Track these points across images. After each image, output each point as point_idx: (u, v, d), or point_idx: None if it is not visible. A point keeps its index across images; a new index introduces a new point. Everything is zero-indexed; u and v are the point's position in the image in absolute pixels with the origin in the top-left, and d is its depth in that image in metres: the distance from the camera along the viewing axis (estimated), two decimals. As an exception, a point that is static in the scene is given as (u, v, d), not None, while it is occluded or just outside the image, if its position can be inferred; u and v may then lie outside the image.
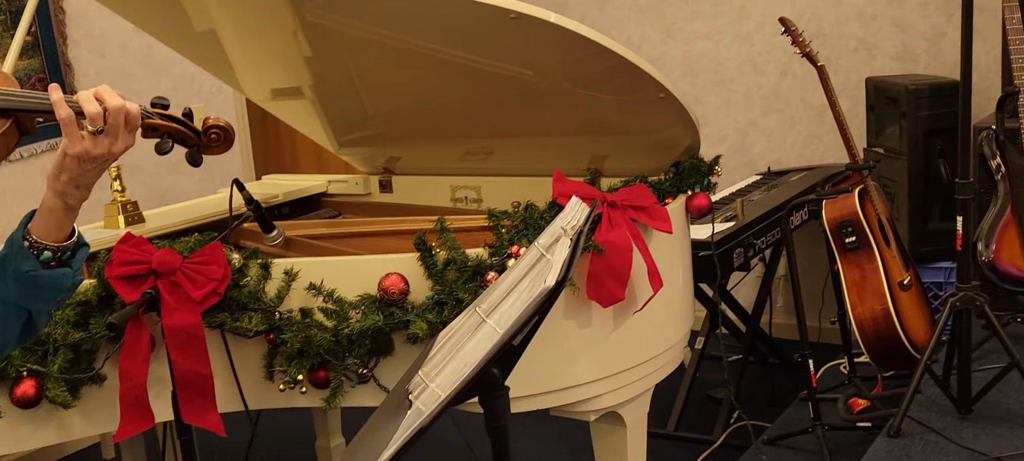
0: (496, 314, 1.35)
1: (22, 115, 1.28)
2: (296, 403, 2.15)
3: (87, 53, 3.95)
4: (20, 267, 1.28)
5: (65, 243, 1.31)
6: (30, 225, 1.30)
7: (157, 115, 1.37)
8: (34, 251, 1.28)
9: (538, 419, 2.25)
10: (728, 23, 4.29)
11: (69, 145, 1.25)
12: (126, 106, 1.27)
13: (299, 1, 2.47)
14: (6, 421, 2.02)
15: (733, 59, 4.32)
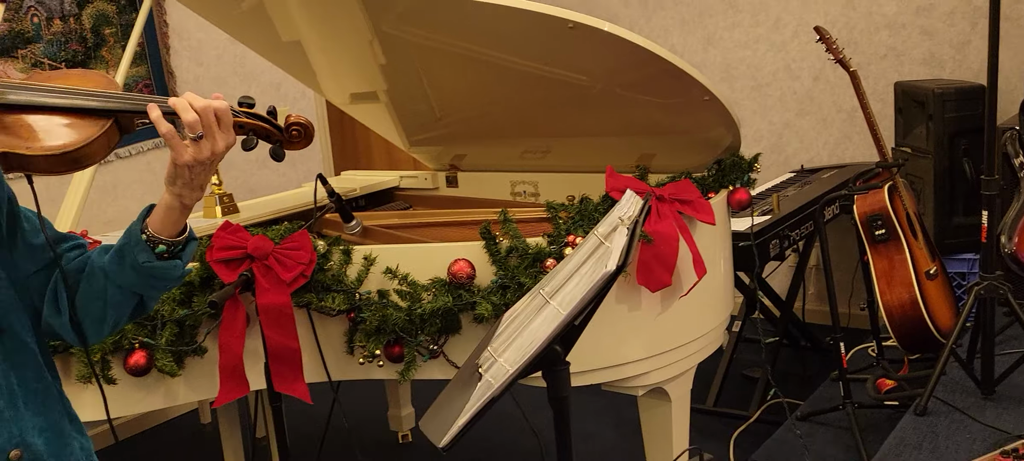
0: (559, 296, 1.36)
1: (122, 116, 1.27)
2: (373, 375, 2.17)
3: (187, 62, 4.01)
4: (137, 258, 1.29)
5: (178, 238, 1.31)
6: (148, 220, 1.30)
7: (243, 113, 1.35)
8: (150, 244, 1.29)
9: (588, 393, 2.25)
10: (765, 32, 4.24)
11: (177, 156, 1.24)
12: (213, 105, 1.25)
13: (375, 14, 2.49)
14: (120, 387, 2.06)
15: (769, 65, 4.27)
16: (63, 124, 1.23)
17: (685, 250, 2.17)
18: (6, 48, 3.40)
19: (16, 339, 1.27)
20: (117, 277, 1.31)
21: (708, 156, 2.55)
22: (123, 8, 3.77)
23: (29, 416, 1.26)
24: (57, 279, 1.33)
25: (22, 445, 1.24)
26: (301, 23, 2.69)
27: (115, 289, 1.32)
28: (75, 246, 1.39)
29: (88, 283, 1.33)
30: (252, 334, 2.07)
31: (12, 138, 1.20)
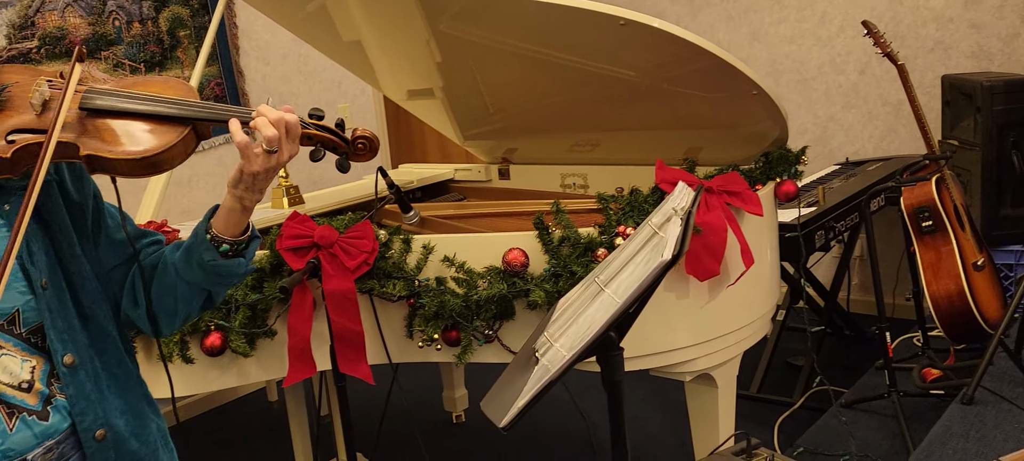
0: (614, 284, 1.35)
1: (199, 124, 1.28)
2: (431, 358, 2.18)
3: (255, 61, 4.07)
4: (203, 257, 1.30)
5: (241, 237, 1.33)
6: (212, 220, 1.32)
7: (313, 125, 1.35)
8: (215, 244, 1.30)
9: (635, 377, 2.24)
10: (811, 27, 4.17)
11: (247, 165, 1.25)
12: (285, 118, 1.25)
13: (432, 14, 2.50)
14: (197, 366, 2.11)
15: (814, 60, 4.20)
16: (145, 130, 1.24)
17: (733, 240, 2.14)
18: (90, 50, 3.48)
19: (100, 328, 1.30)
20: (186, 274, 1.33)
21: (755, 149, 2.52)
22: (196, 11, 3.84)
23: (112, 398, 1.30)
24: (135, 273, 1.36)
25: (106, 425, 1.27)
26: (361, 23, 2.72)
27: (184, 285, 1.34)
28: (153, 242, 1.42)
29: (161, 278, 1.35)
30: (318, 318, 2.10)
31: (97, 141, 1.22)
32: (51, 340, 1.23)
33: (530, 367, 1.37)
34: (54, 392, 1.24)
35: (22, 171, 1.20)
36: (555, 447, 3.28)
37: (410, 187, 3.09)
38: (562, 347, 1.34)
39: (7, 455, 1.19)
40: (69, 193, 1.31)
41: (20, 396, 1.20)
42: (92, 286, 1.31)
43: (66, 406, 1.24)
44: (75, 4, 3.44)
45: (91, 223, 1.33)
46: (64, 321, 1.24)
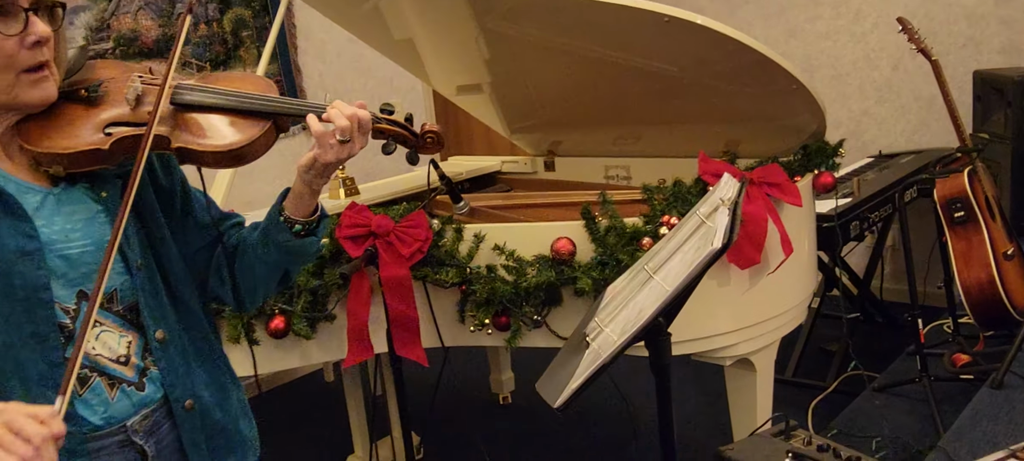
0: (662, 272, 1.34)
1: (280, 119, 1.30)
2: (482, 342, 2.18)
3: (312, 59, 4.10)
4: (278, 238, 1.33)
5: (311, 217, 1.35)
6: (284, 203, 1.34)
7: (385, 120, 1.36)
8: (288, 225, 1.33)
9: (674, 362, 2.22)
10: (845, 24, 4.09)
11: (322, 154, 1.27)
12: (358, 114, 1.28)
13: (481, 13, 2.49)
14: (262, 348, 2.13)
15: (849, 55, 4.12)
16: (229, 124, 1.27)
17: (773, 230, 2.11)
18: (160, 50, 3.53)
19: (187, 306, 1.34)
20: (263, 255, 1.36)
21: (793, 142, 2.48)
22: (257, 12, 3.87)
23: (199, 372, 1.33)
24: (220, 254, 1.39)
25: (194, 397, 1.31)
26: (413, 22, 2.72)
27: (262, 265, 1.37)
28: (235, 224, 1.45)
29: (242, 258, 1.38)
30: (375, 303, 2.11)
31: (186, 134, 1.25)
32: (144, 317, 1.26)
33: (581, 351, 1.36)
34: (148, 365, 1.27)
35: (118, 161, 1.23)
36: (597, 428, 3.27)
37: (460, 178, 3.09)
38: (613, 332, 1.33)
39: (109, 422, 1.23)
40: (159, 180, 1.34)
41: (119, 368, 1.24)
42: (179, 267, 1.34)
43: (159, 378, 1.28)
44: (147, 7, 3.49)
45: (180, 208, 1.36)
46: (155, 300, 1.28)
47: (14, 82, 1.14)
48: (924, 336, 3.10)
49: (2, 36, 1.11)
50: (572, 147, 3.12)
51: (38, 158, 1.19)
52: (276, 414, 3.73)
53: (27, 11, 1.13)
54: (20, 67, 1.14)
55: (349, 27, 3.01)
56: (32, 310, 1.15)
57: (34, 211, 1.18)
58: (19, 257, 1.14)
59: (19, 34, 1.12)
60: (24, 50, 1.13)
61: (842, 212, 3.03)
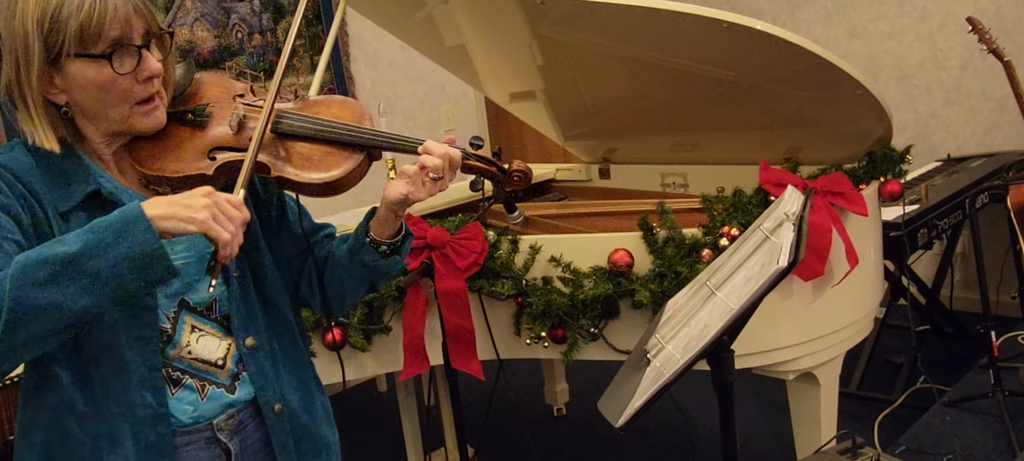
0: (726, 288, 1.33)
1: (374, 150, 1.34)
2: (538, 355, 2.18)
3: (365, 67, 4.15)
4: (364, 257, 1.39)
5: (396, 238, 1.40)
6: (370, 224, 1.40)
7: (474, 157, 1.38)
8: (374, 245, 1.38)
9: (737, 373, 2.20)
10: (911, 23, 4.00)
11: (415, 192, 1.31)
12: (450, 153, 1.31)
13: (534, 18, 2.49)
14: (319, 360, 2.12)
15: (915, 56, 4.03)
16: (327, 154, 1.31)
17: (838, 240, 2.08)
18: (216, 61, 3.62)
19: (279, 312, 1.40)
20: (350, 269, 1.42)
21: (858, 148, 2.43)
22: (310, 21, 3.94)
23: (287, 376, 1.39)
24: (311, 263, 1.45)
25: (282, 400, 1.37)
26: (465, 29, 2.74)
27: (350, 278, 1.43)
28: (326, 235, 1.51)
29: (332, 269, 1.45)
30: (430, 315, 2.13)
31: (286, 164, 1.30)
32: (235, 325, 1.33)
33: (642, 369, 1.35)
34: (241, 370, 1.34)
35: (222, 183, 1.28)
36: (654, 441, 3.25)
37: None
38: (675, 349, 1.32)
39: (197, 420, 1.30)
40: (257, 192, 1.42)
41: (214, 371, 1.31)
42: (273, 275, 1.40)
43: (250, 381, 1.34)
44: (202, 18, 3.58)
45: (276, 218, 1.44)
46: (247, 308, 1.34)
47: (129, 113, 1.22)
48: (997, 348, 3.01)
49: (118, 75, 1.18)
50: (627, 154, 3.11)
51: (148, 179, 1.27)
52: (330, 423, 3.78)
53: (140, 48, 1.20)
54: (135, 100, 1.22)
55: (402, 36, 3.04)
56: (137, 314, 1.22)
57: None
58: None
59: (133, 71, 1.19)
60: (138, 85, 1.21)
61: (909, 220, 2.96)
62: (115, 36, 1.17)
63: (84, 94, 1.20)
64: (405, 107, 4.31)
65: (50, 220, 1.20)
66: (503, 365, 2.26)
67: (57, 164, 1.22)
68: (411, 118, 4.34)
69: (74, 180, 1.22)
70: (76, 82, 1.19)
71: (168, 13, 3.48)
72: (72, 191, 1.22)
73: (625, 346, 2.09)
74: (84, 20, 1.15)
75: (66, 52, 1.17)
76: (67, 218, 1.21)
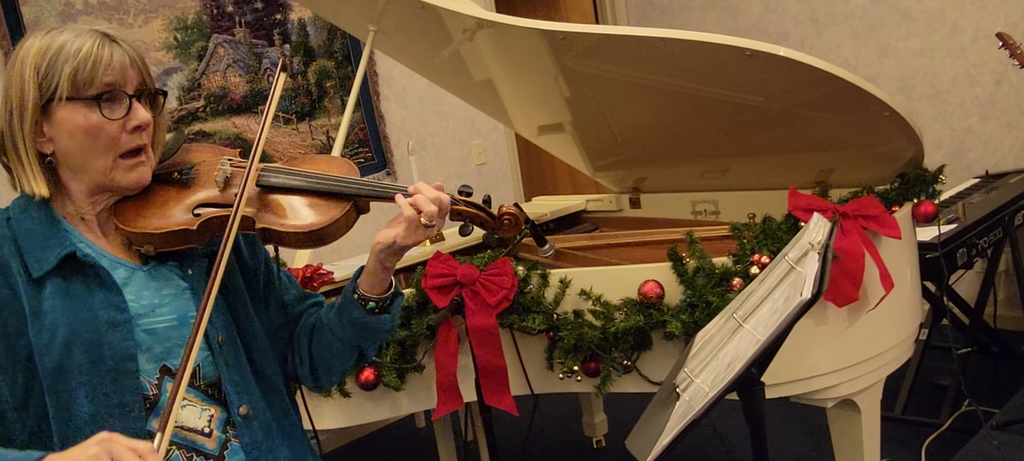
0: (752, 320, 1.32)
1: (360, 200, 1.35)
2: (571, 389, 2.18)
3: (394, 105, 4.21)
4: (352, 314, 1.38)
5: (385, 295, 1.39)
6: (359, 281, 1.39)
7: (462, 202, 1.38)
8: (362, 302, 1.37)
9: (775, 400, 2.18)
10: (942, 39, 3.96)
11: (404, 237, 1.31)
12: (441, 197, 1.31)
13: (559, 52, 2.51)
14: (354, 399, 2.18)
15: (947, 72, 3.98)
16: (311, 205, 1.32)
17: (872, 265, 2.05)
18: (249, 106, 3.70)
19: (269, 382, 1.39)
20: (339, 331, 1.40)
21: (890, 169, 2.41)
22: (340, 63, 4.01)
23: (282, 447, 1.37)
24: (299, 332, 1.45)
25: None
26: (492, 64, 2.77)
27: (338, 342, 1.41)
28: (314, 304, 1.50)
29: (319, 337, 1.43)
30: (463, 351, 2.13)
31: (269, 215, 1.31)
32: (228, 393, 1.31)
33: (671, 403, 1.35)
34: (230, 437, 1.32)
35: (206, 241, 1.30)
36: (693, 470, 3.21)
37: (543, 220, 3.11)
38: (703, 383, 1.32)
39: None
40: (244, 259, 1.41)
41: (201, 440, 1.29)
42: (263, 343, 1.39)
43: (240, 451, 1.32)
44: (235, 65, 3.67)
45: (263, 286, 1.43)
46: (240, 376, 1.33)
47: (112, 166, 1.24)
48: (1045, 368, 2.95)
49: (107, 120, 1.20)
50: (657, 183, 3.11)
51: (131, 237, 1.27)
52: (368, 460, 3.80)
53: (131, 97, 1.22)
54: (120, 150, 1.23)
55: (429, 74, 3.09)
56: (119, 380, 1.21)
57: (124, 285, 1.26)
58: (109, 328, 1.21)
59: (122, 118, 1.21)
60: (125, 134, 1.22)
61: (947, 239, 2.91)
62: (108, 81, 1.20)
63: (71, 141, 1.21)
64: (436, 143, 4.36)
65: (21, 295, 1.19)
66: (538, 399, 2.26)
67: (34, 230, 1.23)
68: (442, 154, 4.38)
69: (50, 243, 1.22)
70: (64, 128, 1.20)
71: (201, 61, 3.57)
72: (47, 255, 1.21)
73: (659, 377, 2.08)
74: (79, 64, 1.18)
75: (58, 96, 1.18)
76: (42, 284, 1.20)
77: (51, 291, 1.20)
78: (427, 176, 4.25)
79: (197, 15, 3.55)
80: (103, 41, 1.21)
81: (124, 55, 1.22)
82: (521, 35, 2.44)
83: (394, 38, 2.82)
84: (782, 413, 3.38)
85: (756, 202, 2.66)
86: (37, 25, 3.15)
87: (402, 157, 4.16)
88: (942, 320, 3.43)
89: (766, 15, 4.49)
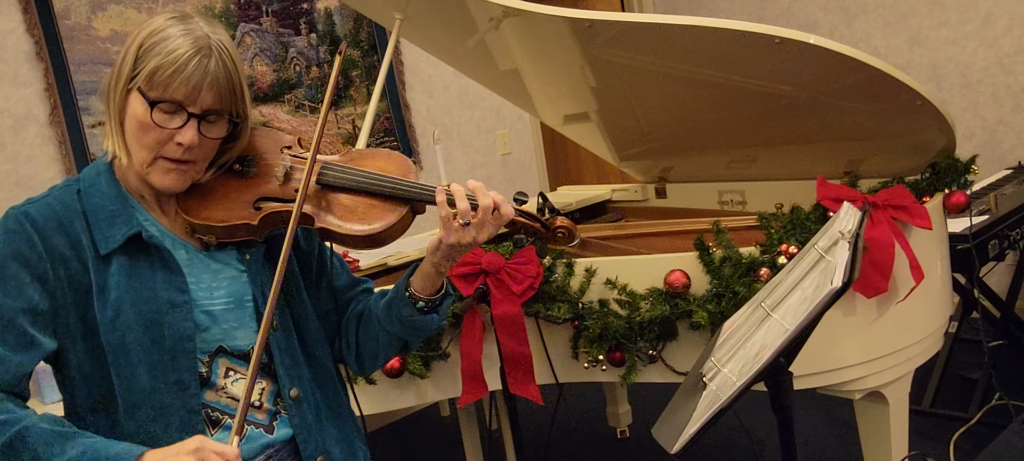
0: (781, 309, 1.31)
1: (417, 203, 1.35)
2: (597, 378, 2.17)
3: (420, 94, 4.22)
4: (402, 312, 1.39)
5: (435, 296, 1.40)
6: (411, 279, 1.40)
7: (518, 213, 1.37)
8: (412, 301, 1.39)
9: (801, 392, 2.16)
10: (974, 29, 3.90)
11: (445, 236, 1.31)
12: (495, 202, 1.30)
13: (584, 40, 2.50)
14: (380, 387, 2.19)
15: (980, 62, 3.92)
16: (370, 206, 1.33)
17: (902, 256, 2.03)
18: (276, 94, 3.72)
19: (321, 363, 1.41)
20: (387, 324, 1.42)
21: (921, 159, 2.38)
22: (366, 52, 4.03)
23: (330, 429, 1.40)
24: (347, 318, 1.47)
25: (324, 453, 1.37)
26: (517, 53, 2.76)
27: (385, 334, 1.43)
28: (364, 290, 1.52)
29: (366, 325, 1.45)
30: (488, 340, 2.13)
31: (330, 216, 1.32)
32: (280, 375, 1.34)
33: (698, 392, 1.34)
34: (280, 410, 1.35)
35: (266, 234, 1.32)
36: (718, 461, 3.20)
37: (569, 209, 3.10)
38: (731, 373, 1.31)
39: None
40: (299, 243, 1.43)
41: (251, 412, 1.33)
42: (315, 326, 1.41)
43: (288, 422, 1.35)
44: (262, 53, 3.69)
45: (316, 271, 1.45)
46: (291, 358, 1.35)
47: (151, 162, 1.26)
48: (1078, 362, 2.90)
49: (158, 127, 1.22)
50: (684, 173, 3.09)
51: (194, 227, 1.30)
52: (393, 449, 3.82)
53: (193, 116, 1.23)
54: (161, 154, 1.25)
55: (454, 63, 3.08)
56: (177, 359, 1.24)
57: (185, 266, 1.29)
58: (170, 309, 1.25)
59: (170, 129, 1.23)
60: (171, 143, 1.24)
61: (978, 231, 2.87)
62: (176, 98, 1.21)
63: (130, 124, 1.24)
64: (461, 132, 4.36)
65: (90, 270, 1.23)
66: (563, 388, 2.26)
67: (103, 205, 1.26)
68: (467, 143, 4.39)
69: (118, 221, 1.26)
70: (129, 109, 1.24)
71: (230, 50, 3.60)
72: (114, 233, 1.24)
73: (684, 368, 2.08)
74: (163, 66, 1.20)
75: (136, 82, 1.22)
76: (108, 261, 1.24)
77: (116, 268, 1.24)
78: (452, 166, 4.25)
79: (224, 4, 3.58)
80: (200, 55, 1.21)
81: (209, 75, 1.22)
82: (547, 23, 2.43)
83: (420, 26, 2.82)
84: (808, 405, 3.36)
85: (784, 192, 2.64)
86: (67, 9, 3.19)
87: (427, 146, 4.17)
88: (972, 313, 3.39)
89: (795, 4, 4.44)
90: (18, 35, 3.11)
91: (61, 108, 3.16)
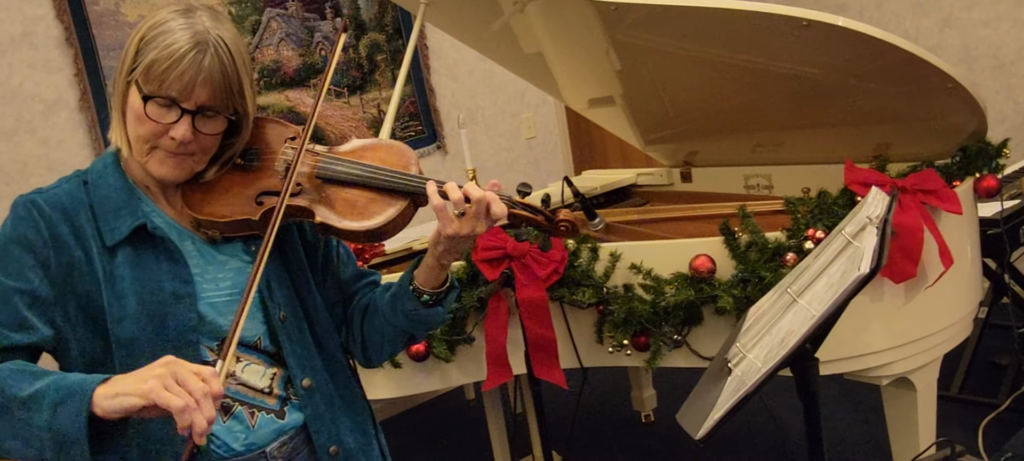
0: (807, 295, 1.31)
1: (418, 196, 1.32)
2: (621, 363, 2.18)
3: (445, 79, 4.22)
4: (406, 305, 1.38)
5: (440, 289, 1.39)
6: (415, 273, 1.39)
7: (519, 204, 1.34)
8: (416, 294, 1.37)
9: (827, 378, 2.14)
10: (1008, 9, 3.83)
11: (443, 227, 1.28)
12: (487, 197, 1.27)
13: (610, 23, 2.49)
14: (405, 371, 2.21)
15: (1013, 43, 3.85)
16: (370, 200, 1.31)
17: (930, 241, 2.01)
18: (301, 79, 3.74)
19: (331, 354, 1.42)
20: (391, 318, 1.41)
21: (951, 143, 2.35)
22: (391, 36, 4.03)
23: (343, 418, 1.40)
24: (353, 310, 1.47)
25: (338, 442, 1.38)
26: (542, 36, 2.75)
27: (390, 327, 1.43)
28: (370, 283, 1.52)
29: (372, 318, 1.45)
30: (513, 325, 2.14)
31: (328, 210, 1.31)
32: (291, 366, 1.34)
33: (723, 378, 1.34)
34: (291, 395, 1.36)
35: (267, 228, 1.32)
36: (744, 447, 3.19)
37: (594, 194, 3.10)
38: (756, 358, 1.30)
39: (250, 448, 1.32)
40: (305, 234, 1.43)
41: (262, 398, 1.33)
42: (325, 317, 1.42)
43: (299, 406, 1.36)
44: (288, 39, 3.71)
45: (322, 262, 1.45)
46: (303, 349, 1.36)
47: (148, 151, 1.26)
48: (1111, 349, 2.86)
49: (151, 120, 1.23)
50: (709, 157, 3.07)
51: (198, 221, 1.30)
52: (418, 432, 3.85)
53: (186, 112, 1.23)
54: (157, 146, 1.26)
55: (479, 47, 3.08)
56: (180, 350, 1.24)
57: (190, 257, 1.30)
58: (174, 300, 1.26)
59: (161, 123, 1.23)
60: (166, 137, 1.24)
61: (1009, 216, 2.83)
62: (170, 94, 1.21)
63: (129, 114, 1.25)
64: (486, 116, 4.36)
65: (94, 260, 1.23)
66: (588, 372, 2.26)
67: (110, 197, 1.27)
68: (492, 127, 4.39)
69: (124, 213, 1.26)
70: (129, 101, 1.24)
71: (254, 35, 3.62)
72: (120, 224, 1.25)
73: (709, 353, 2.07)
74: (159, 59, 1.19)
75: (136, 74, 1.22)
76: (114, 252, 1.25)
77: (122, 259, 1.25)
78: (477, 150, 4.25)
79: (251, -11, 3.60)
80: (196, 50, 1.20)
81: (203, 72, 1.21)
82: (572, 6, 2.42)
83: (445, 10, 2.82)
84: (835, 391, 3.34)
85: (811, 176, 2.62)
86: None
87: (452, 130, 4.17)
88: (1003, 298, 3.35)
89: (823, -15, 4.39)
90: (48, 21, 3.15)
91: (91, 93, 3.20)
